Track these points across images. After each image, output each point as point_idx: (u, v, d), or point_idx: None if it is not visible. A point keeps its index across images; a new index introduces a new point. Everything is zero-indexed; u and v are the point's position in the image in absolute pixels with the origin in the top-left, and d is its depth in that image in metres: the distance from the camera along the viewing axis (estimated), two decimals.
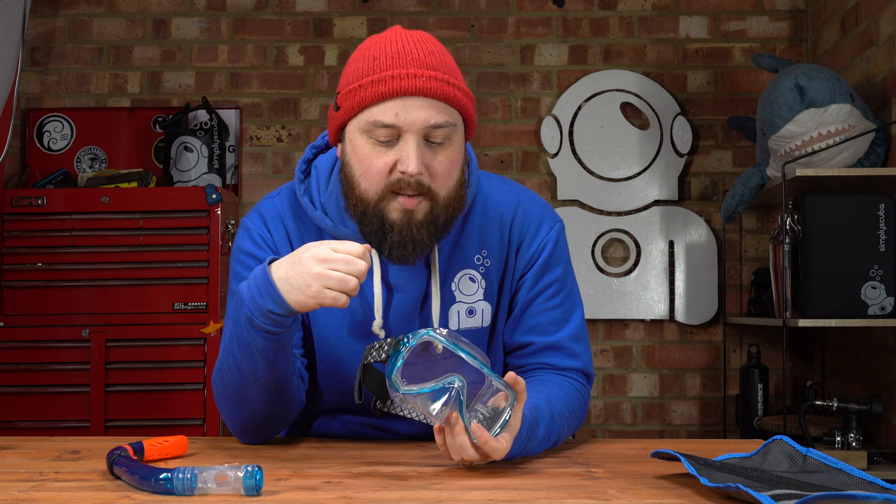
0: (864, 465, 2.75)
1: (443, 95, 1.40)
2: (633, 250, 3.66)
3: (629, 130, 3.68)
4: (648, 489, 1.16)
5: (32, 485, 1.18)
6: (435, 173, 1.41)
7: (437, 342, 1.22)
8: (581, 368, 1.56)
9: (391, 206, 1.41)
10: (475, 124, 1.50)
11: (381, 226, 1.42)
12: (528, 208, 1.58)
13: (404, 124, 1.39)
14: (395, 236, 1.42)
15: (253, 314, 1.35)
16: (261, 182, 3.70)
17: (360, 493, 1.13)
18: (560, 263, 1.58)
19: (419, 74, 1.39)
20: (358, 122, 1.42)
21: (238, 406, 1.46)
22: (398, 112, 1.38)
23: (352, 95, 1.42)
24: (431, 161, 1.41)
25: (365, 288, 1.50)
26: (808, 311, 2.84)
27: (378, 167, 1.40)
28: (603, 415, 3.65)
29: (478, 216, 1.55)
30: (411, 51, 1.41)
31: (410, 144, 1.39)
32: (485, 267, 1.55)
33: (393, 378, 1.21)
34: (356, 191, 1.43)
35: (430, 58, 1.42)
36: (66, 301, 3.19)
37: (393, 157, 1.40)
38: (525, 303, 1.56)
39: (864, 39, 3.17)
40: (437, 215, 1.43)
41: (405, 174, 1.39)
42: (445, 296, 1.53)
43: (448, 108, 1.41)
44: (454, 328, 1.53)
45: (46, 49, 3.73)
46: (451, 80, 1.42)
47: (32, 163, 3.64)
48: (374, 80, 1.40)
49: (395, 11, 3.72)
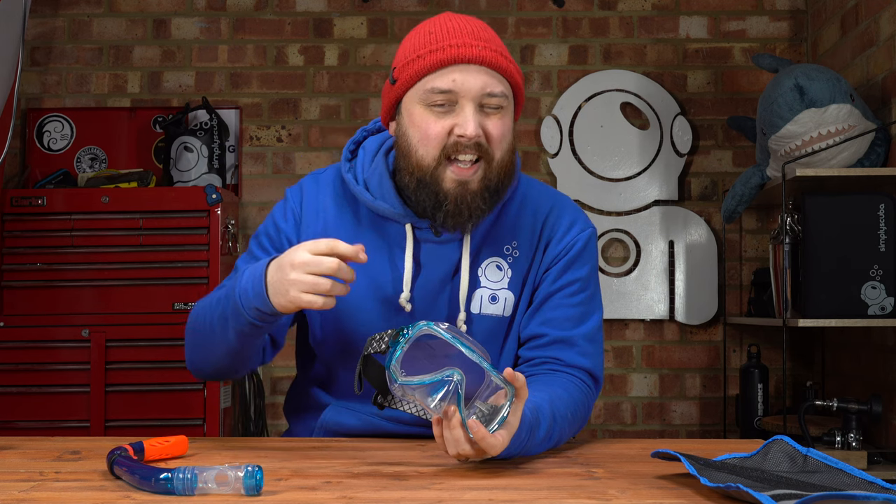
0: (864, 465, 2.75)
1: (497, 66, 1.47)
2: (633, 250, 3.66)
3: (629, 130, 3.68)
4: (648, 489, 1.16)
5: (33, 485, 1.18)
6: (490, 135, 1.47)
7: (438, 335, 1.22)
8: (589, 369, 1.56)
9: (446, 175, 1.47)
10: (523, 103, 1.57)
11: (436, 195, 1.48)
12: (562, 209, 1.63)
13: (462, 90, 1.45)
14: (451, 206, 1.48)
15: (242, 304, 1.43)
16: (261, 182, 3.70)
17: (360, 493, 1.13)
18: (586, 265, 1.61)
19: (475, 44, 1.47)
20: (415, 91, 1.48)
21: (199, 351, 1.57)
22: (456, 78, 1.45)
23: (410, 66, 1.48)
24: (487, 125, 1.47)
25: (397, 261, 1.56)
26: (808, 311, 2.84)
27: (436, 131, 1.46)
28: (603, 415, 3.65)
29: (514, 209, 1.60)
30: (465, 26, 1.49)
31: (468, 109, 1.45)
32: (513, 257, 1.59)
33: (391, 368, 1.22)
34: (413, 158, 1.49)
35: (485, 32, 1.50)
36: (66, 301, 3.19)
37: (451, 122, 1.46)
38: (545, 296, 1.58)
39: (864, 39, 3.17)
40: (490, 180, 1.49)
41: (463, 137, 1.45)
42: (472, 279, 1.57)
43: (502, 79, 1.49)
44: (476, 312, 1.56)
45: (46, 49, 3.73)
46: (506, 53, 1.50)
47: (32, 163, 3.64)
48: (432, 50, 1.47)
49: (395, 11, 3.73)
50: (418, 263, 1.56)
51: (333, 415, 1.61)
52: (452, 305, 1.56)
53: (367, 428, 1.59)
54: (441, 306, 1.56)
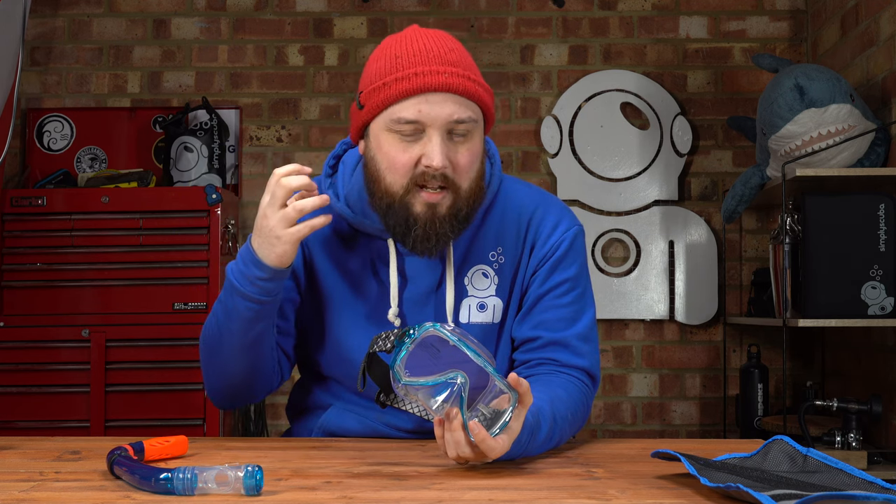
0: (864, 465, 2.75)
1: (465, 91, 1.45)
2: (633, 250, 3.66)
3: (629, 130, 3.68)
4: (648, 489, 1.16)
5: (33, 485, 1.18)
6: (457, 166, 1.46)
7: (443, 336, 1.22)
8: (586, 368, 1.56)
9: (416, 200, 1.46)
10: (494, 119, 1.55)
11: (406, 219, 1.47)
12: (547, 210, 1.61)
13: (428, 120, 1.43)
14: (420, 230, 1.47)
15: (241, 284, 1.45)
16: (261, 182, 3.70)
17: (360, 493, 1.13)
18: (574, 264, 1.59)
19: (441, 71, 1.44)
20: (382, 119, 1.46)
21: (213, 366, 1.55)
22: (422, 108, 1.43)
23: (375, 94, 1.46)
24: (454, 154, 1.46)
25: (382, 276, 1.55)
26: (808, 311, 2.84)
27: (403, 161, 1.45)
28: (603, 415, 3.65)
29: (497, 215, 1.59)
30: (432, 48, 1.46)
31: (435, 139, 1.43)
32: (499, 264, 1.58)
33: (395, 368, 1.21)
34: (381, 185, 1.48)
35: (451, 55, 1.46)
36: (66, 301, 3.19)
37: (418, 152, 1.44)
38: (536, 298, 1.57)
39: (864, 39, 3.17)
40: (458, 208, 1.48)
41: (430, 168, 1.43)
42: (458, 289, 1.56)
43: (469, 104, 1.46)
44: (465, 321, 1.56)
45: (46, 49, 3.73)
46: (472, 76, 1.47)
47: (32, 163, 3.64)
48: (398, 78, 1.44)
49: (395, 11, 3.73)
50: (404, 277, 1.55)
51: (335, 417, 1.61)
52: (439, 317, 1.55)
53: (367, 432, 1.59)
54: (427, 319, 1.55)
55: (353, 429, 1.59)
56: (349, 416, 1.60)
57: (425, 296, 1.55)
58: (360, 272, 1.56)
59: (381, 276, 1.55)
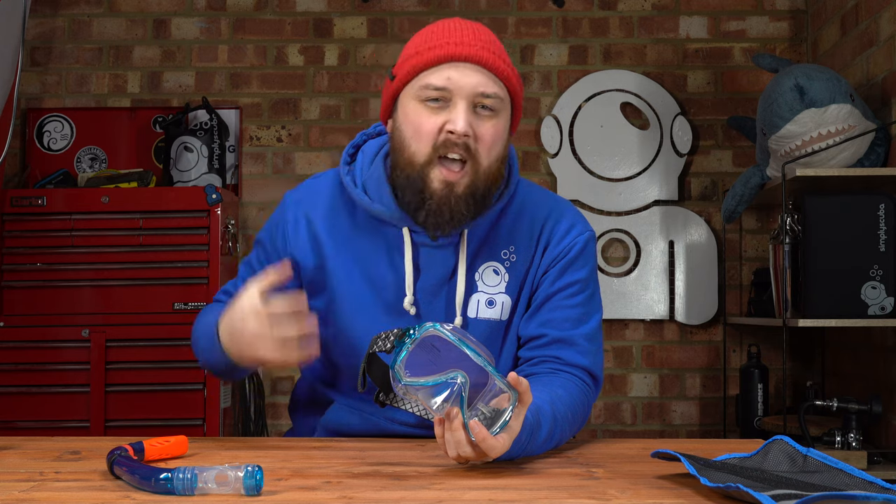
0: (864, 465, 2.75)
1: (494, 67, 1.48)
2: (633, 250, 3.66)
3: (629, 130, 3.68)
4: (648, 489, 1.16)
5: (33, 485, 1.18)
6: (480, 138, 1.47)
7: (443, 336, 1.22)
8: (588, 367, 1.56)
9: (434, 174, 1.48)
10: (521, 111, 1.57)
11: (422, 191, 1.48)
12: (561, 213, 1.63)
13: (455, 87, 1.46)
14: (434, 204, 1.48)
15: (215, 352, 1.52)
16: (261, 182, 3.70)
17: (360, 493, 1.13)
18: (585, 267, 1.61)
19: (474, 43, 1.48)
20: (411, 87, 1.49)
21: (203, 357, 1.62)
22: (451, 76, 1.46)
23: (407, 63, 1.50)
24: (478, 126, 1.48)
25: (396, 264, 1.56)
26: (808, 311, 2.84)
27: (428, 127, 1.47)
28: (603, 415, 3.65)
29: (512, 215, 1.60)
30: (468, 27, 1.51)
31: (460, 106, 1.46)
32: (510, 262, 1.59)
33: (396, 368, 1.21)
34: (405, 153, 1.50)
35: (486, 35, 1.51)
36: (66, 301, 3.19)
37: (443, 119, 1.47)
38: (545, 297, 1.59)
39: (864, 39, 3.17)
40: (476, 187, 1.49)
41: (453, 134, 1.45)
42: (469, 283, 1.57)
43: (497, 81, 1.49)
44: (473, 316, 1.57)
45: (46, 49, 3.73)
46: (504, 57, 1.50)
47: (32, 163, 3.64)
48: (430, 47, 1.48)
49: (395, 11, 3.72)
50: (417, 267, 1.57)
51: (336, 413, 1.61)
52: (449, 309, 1.57)
53: (369, 428, 1.59)
54: (438, 310, 1.57)
55: (356, 425, 1.60)
56: (351, 412, 1.60)
57: (437, 286, 1.56)
58: (372, 259, 1.57)
59: (397, 265, 1.57)
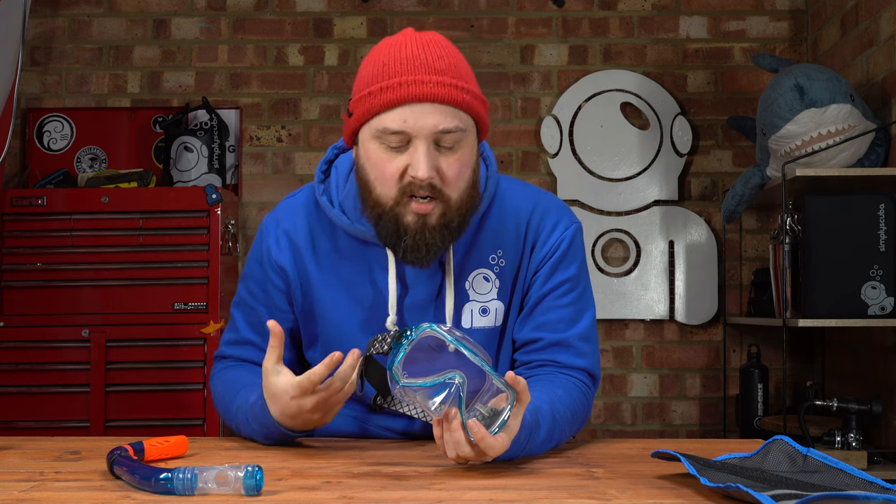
0: (864, 465, 2.75)
1: (451, 101, 1.41)
2: (633, 250, 3.66)
3: (629, 130, 3.68)
4: (648, 489, 1.16)
5: (33, 485, 1.18)
6: (445, 176, 1.43)
7: (440, 337, 1.22)
8: (586, 368, 1.56)
9: (406, 210, 1.44)
10: (488, 126, 1.51)
11: (396, 229, 1.45)
12: (545, 209, 1.59)
13: (413, 130, 1.40)
14: (409, 240, 1.44)
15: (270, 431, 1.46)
16: (261, 182, 3.70)
17: (360, 493, 1.13)
18: (574, 263, 1.59)
19: (427, 80, 1.40)
20: (369, 128, 1.44)
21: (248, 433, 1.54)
22: (406, 119, 1.40)
23: (362, 102, 1.43)
24: (442, 164, 1.42)
25: (380, 284, 1.53)
26: (808, 311, 2.84)
27: (391, 172, 1.42)
28: (603, 415, 3.65)
29: (495, 217, 1.57)
30: (419, 55, 1.42)
31: (420, 150, 1.40)
32: (499, 267, 1.56)
33: (393, 370, 1.21)
34: (372, 195, 1.46)
35: (440, 62, 1.42)
36: (66, 301, 3.19)
37: (404, 162, 1.42)
38: (536, 299, 1.57)
39: (864, 39, 3.17)
40: (449, 219, 1.45)
41: (416, 179, 1.40)
42: (459, 294, 1.55)
43: (457, 113, 1.42)
44: (467, 327, 1.55)
45: (46, 49, 3.73)
46: (461, 84, 1.43)
47: (32, 163, 3.64)
48: (383, 87, 1.41)
49: (395, 11, 3.72)
50: (404, 284, 1.54)
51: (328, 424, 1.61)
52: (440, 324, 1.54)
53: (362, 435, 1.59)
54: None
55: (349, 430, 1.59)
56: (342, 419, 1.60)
57: (425, 303, 1.54)
58: (356, 280, 1.55)
59: (380, 285, 1.54)
